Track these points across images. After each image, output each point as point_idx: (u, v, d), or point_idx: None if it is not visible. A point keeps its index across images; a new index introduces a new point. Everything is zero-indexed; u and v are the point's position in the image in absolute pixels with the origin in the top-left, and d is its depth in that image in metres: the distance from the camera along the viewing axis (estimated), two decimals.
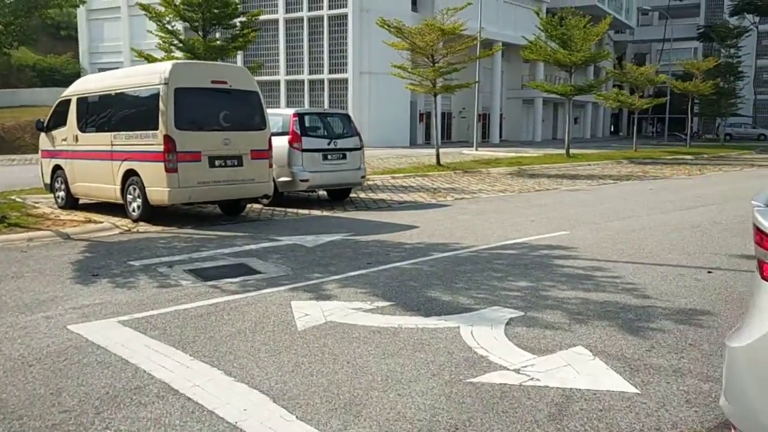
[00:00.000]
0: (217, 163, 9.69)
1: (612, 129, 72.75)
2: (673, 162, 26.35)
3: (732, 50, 51.13)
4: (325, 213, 11.21)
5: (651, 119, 66.47)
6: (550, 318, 4.99)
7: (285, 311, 5.20)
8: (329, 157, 12.07)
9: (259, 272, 6.62)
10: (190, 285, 6.07)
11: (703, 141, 49.36)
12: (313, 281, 6.20)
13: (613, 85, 39.82)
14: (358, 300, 5.51)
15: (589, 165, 23.71)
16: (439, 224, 9.75)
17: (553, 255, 7.39)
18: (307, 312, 5.15)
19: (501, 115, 47.42)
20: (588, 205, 12.23)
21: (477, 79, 27.09)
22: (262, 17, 36.92)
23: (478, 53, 24.88)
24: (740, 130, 58.92)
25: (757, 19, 60.93)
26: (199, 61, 15.10)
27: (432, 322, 4.88)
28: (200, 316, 5.08)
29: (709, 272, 6.51)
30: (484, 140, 41.35)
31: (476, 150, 30.93)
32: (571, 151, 27.03)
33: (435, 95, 20.79)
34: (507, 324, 4.84)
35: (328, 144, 12.13)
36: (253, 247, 7.97)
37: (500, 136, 46.81)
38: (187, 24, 18.76)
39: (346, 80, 38.09)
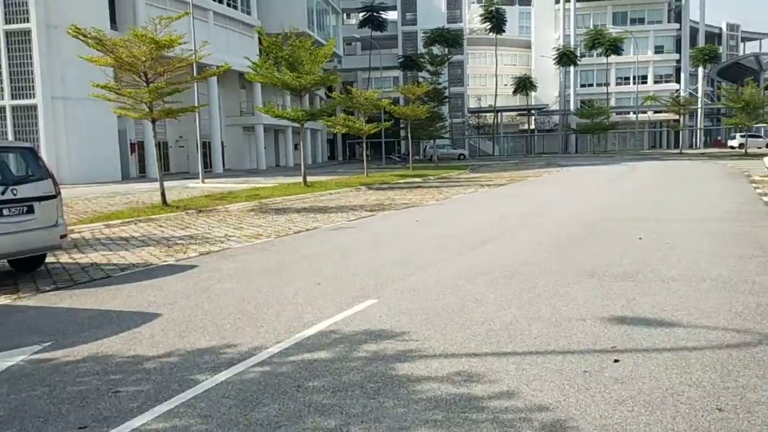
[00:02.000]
0: None
1: (329, 154, 74.17)
2: (409, 186, 26.08)
3: (434, 77, 55.31)
4: (2, 300, 7.27)
5: (366, 143, 69.00)
6: None
7: None
8: (5, 212, 8.09)
9: None
10: None
11: (415, 162, 51.99)
12: None
13: (329, 114, 39.47)
14: None
15: (331, 194, 22.04)
16: (191, 305, 6.63)
17: (388, 354, 4.88)
18: None
19: (222, 143, 44.39)
20: (366, 250, 10.07)
21: (198, 104, 23.87)
22: None
23: (195, 73, 21.78)
24: (443, 151, 64.08)
25: (446, 50, 67.27)
26: None
27: None
28: None
29: (615, 361, 4.59)
30: (207, 170, 37.80)
31: (203, 182, 27.55)
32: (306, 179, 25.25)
33: (153, 121, 17.13)
34: None
35: (2, 193, 8.15)
36: None
37: (223, 166, 43.72)
38: None
39: (35, 107, 31.83)
